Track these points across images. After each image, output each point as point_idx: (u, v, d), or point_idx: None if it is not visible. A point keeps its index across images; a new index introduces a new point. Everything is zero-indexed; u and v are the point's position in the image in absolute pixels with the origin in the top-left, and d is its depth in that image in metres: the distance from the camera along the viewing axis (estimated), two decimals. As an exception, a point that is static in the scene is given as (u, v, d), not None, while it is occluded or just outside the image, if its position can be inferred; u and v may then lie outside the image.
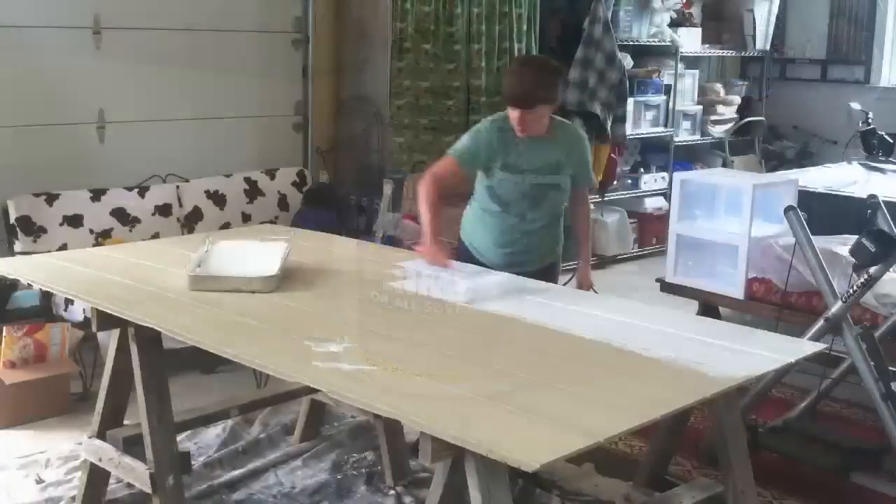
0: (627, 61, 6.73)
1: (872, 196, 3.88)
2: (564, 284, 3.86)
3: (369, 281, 3.12)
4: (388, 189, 5.44)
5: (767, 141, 8.26)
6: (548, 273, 3.50)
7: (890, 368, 3.46)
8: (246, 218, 5.38)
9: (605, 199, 6.78)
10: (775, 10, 8.09)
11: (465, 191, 3.56)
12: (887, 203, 3.87)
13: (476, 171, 3.42)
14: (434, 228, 3.23)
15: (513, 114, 3.30)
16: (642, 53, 7.30)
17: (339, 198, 5.63)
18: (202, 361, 4.53)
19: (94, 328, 2.98)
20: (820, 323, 3.58)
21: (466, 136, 3.41)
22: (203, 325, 2.64)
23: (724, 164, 7.71)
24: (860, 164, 6.41)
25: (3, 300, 4.39)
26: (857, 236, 3.50)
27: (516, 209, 3.44)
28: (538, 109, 3.28)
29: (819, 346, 2.64)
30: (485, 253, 3.53)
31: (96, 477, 3.21)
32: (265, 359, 2.36)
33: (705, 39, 7.81)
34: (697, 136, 7.71)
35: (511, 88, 3.31)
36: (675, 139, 7.48)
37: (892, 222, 3.70)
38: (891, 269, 3.57)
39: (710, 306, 5.08)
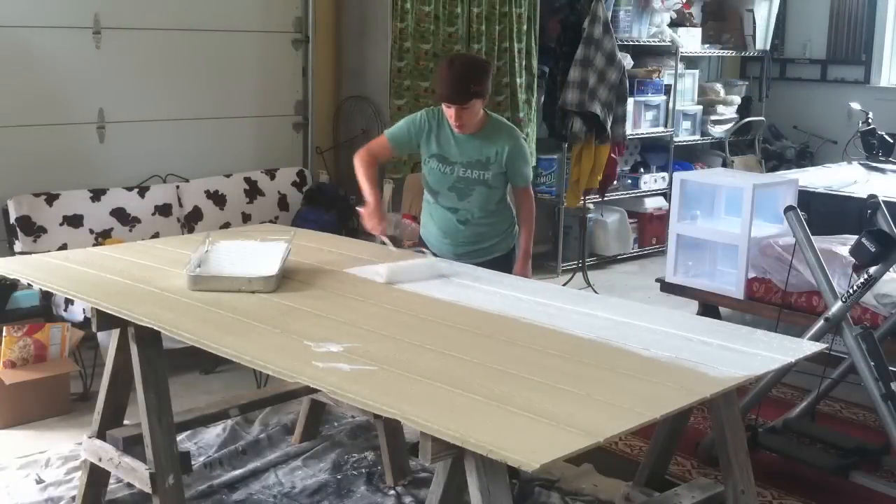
0: (627, 61, 6.73)
1: (872, 196, 3.88)
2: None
3: (368, 280, 3.12)
4: (388, 189, 5.44)
5: (767, 141, 8.27)
6: (499, 265, 3.57)
7: (890, 368, 3.46)
8: (246, 218, 5.38)
9: (605, 199, 6.78)
10: (775, 10, 8.10)
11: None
12: (887, 203, 3.87)
13: (402, 148, 3.65)
14: (374, 193, 3.52)
15: (448, 111, 3.45)
16: (642, 53, 7.30)
17: (339, 198, 5.63)
18: (202, 361, 4.54)
19: (94, 328, 2.98)
20: (820, 323, 3.58)
21: (403, 119, 3.64)
22: (203, 325, 2.63)
23: (724, 164, 7.71)
24: (860, 164, 6.42)
25: (3, 300, 4.39)
26: (857, 236, 3.50)
27: (445, 200, 3.62)
28: (472, 104, 3.41)
29: (819, 346, 2.64)
30: (434, 244, 3.72)
31: (96, 477, 3.21)
32: (265, 359, 2.36)
33: (705, 39, 7.81)
34: (697, 136, 7.71)
35: (443, 86, 3.42)
36: (675, 139, 7.49)
37: (892, 222, 3.70)
38: (891, 269, 3.57)
39: (710, 306, 5.09)
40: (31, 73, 4.81)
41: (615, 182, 6.77)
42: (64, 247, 4.59)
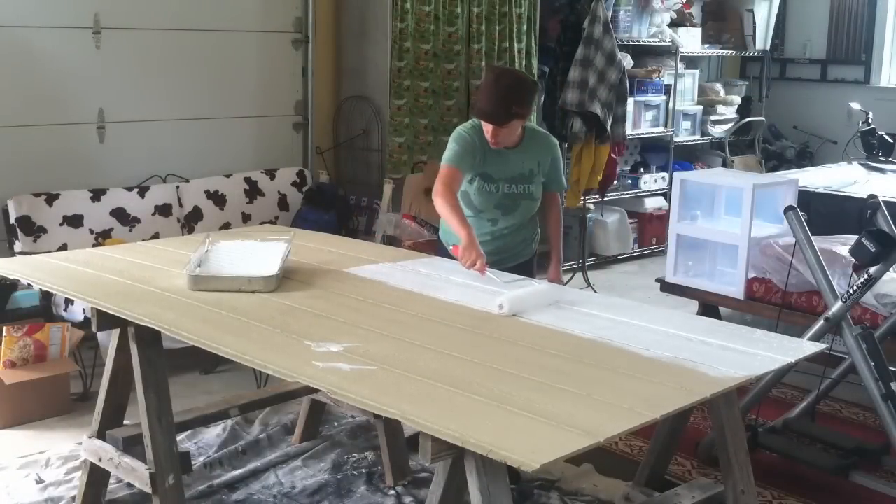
0: (627, 61, 6.73)
1: (872, 196, 3.88)
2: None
3: (368, 280, 3.12)
4: (388, 189, 5.44)
5: (767, 141, 8.27)
6: (523, 270, 3.48)
7: (890, 368, 3.46)
8: (246, 218, 5.38)
9: (605, 199, 6.79)
10: (775, 10, 8.10)
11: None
12: (887, 203, 3.87)
13: (470, 172, 3.40)
14: (469, 231, 3.19)
15: (486, 127, 3.32)
16: (642, 53, 7.31)
17: (339, 198, 5.63)
18: (202, 361, 4.54)
19: (94, 328, 2.98)
20: (820, 323, 3.58)
21: (453, 142, 3.39)
22: (203, 325, 2.64)
23: (724, 164, 7.71)
24: (860, 164, 6.42)
25: (3, 300, 4.39)
26: (857, 236, 3.50)
27: (489, 215, 3.48)
28: (511, 125, 3.29)
29: (819, 346, 2.64)
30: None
31: (96, 477, 3.21)
32: (265, 359, 2.36)
33: (705, 39, 7.81)
34: (697, 136, 7.71)
35: (485, 102, 3.29)
36: (675, 139, 7.49)
37: (892, 222, 3.70)
38: (891, 269, 3.57)
39: (710, 306, 5.09)
40: (31, 73, 4.81)
41: (615, 182, 6.77)
42: (64, 247, 4.59)
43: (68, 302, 4.41)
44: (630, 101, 6.77)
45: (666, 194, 7.23)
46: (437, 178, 3.34)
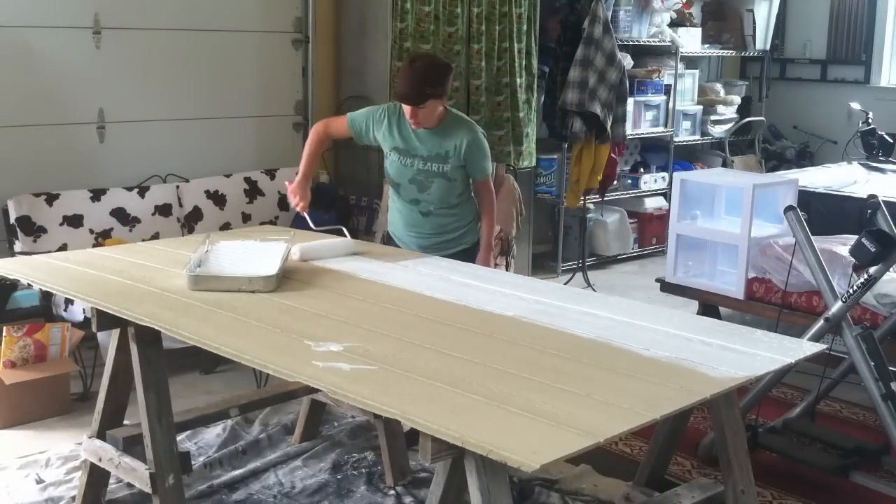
0: (627, 61, 6.73)
1: (872, 196, 3.88)
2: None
3: (368, 280, 3.12)
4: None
5: (767, 141, 8.27)
6: (464, 258, 3.68)
7: (890, 368, 3.46)
8: (246, 218, 5.38)
9: (605, 199, 6.79)
10: (775, 10, 8.10)
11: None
12: (887, 203, 3.87)
13: (359, 136, 3.76)
14: (307, 168, 3.74)
15: (406, 109, 3.57)
16: (642, 53, 7.31)
17: (339, 198, 5.63)
18: (202, 361, 4.54)
19: (94, 328, 2.98)
20: (820, 323, 3.58)
21: (367, 108, 3.80)
22: (203, 324, 2.63)
23: (724, 164, 7.71)
24: (860, 164, 6.42)
25: (3, 300, 4.39)
26: (857, 236, 3.50)
27: (406, 193, 3.73)
28: (427, 105, 3.52)
29: (819, 347, 2.63)
30: (400, 237, 3.85)
31: (96, 477, 3.21)
32: (265, 359, 2.36)
33: (705, 39, 7.82)
34: (697, 136, 7.71)
35: (401, 84, 3.55)
36: (675, 139, 7.49)
37: (892, 222, 3.70)
38: (891, 269, 3.57)
39: (710, 306, 5.09)
40: (31, 73, 4.81)
41: (615, 182, 6.78)
42: (64, 247, 4.59)
43: (68, 302, 4.41)
44: (630, 101, 6.78)
45: (666, 194, 7.23)
46: (331, 118, 3.87)
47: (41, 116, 4.87)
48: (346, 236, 3.62)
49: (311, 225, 3.75)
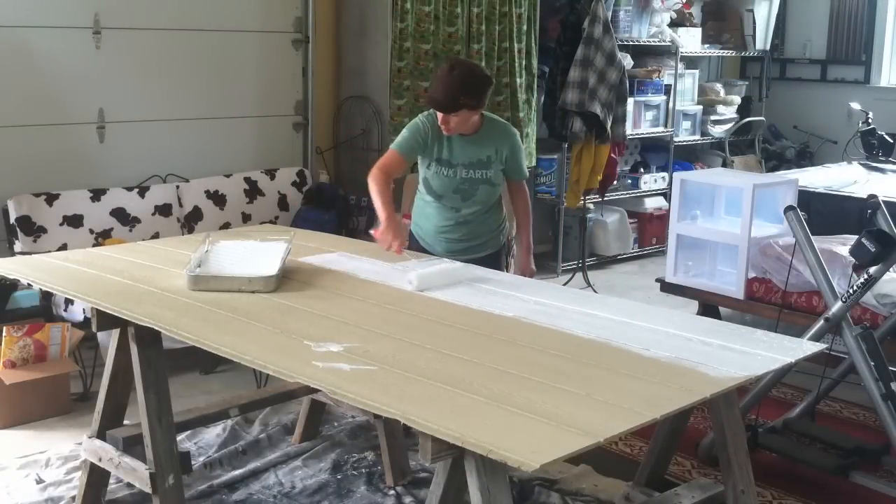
0: (627, 61, 6.73)
1: (872, 196, 3.88)
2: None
3: (368, 280, 3.12)
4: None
5: (767, 141, 8.27)
6: (491, 261, 3.64)
7: (890, 368, 3.46)
8: (246, 218, 5.38)
9: (605, 199, 6.79)
10: (775, 10, 8.10)
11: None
12: (887, 203, 3.87)
13: (415, 158, 3.61)
14: (388, 212, 3.42)
15: (437, 114, 3.49)
16: (642, 53, 7.30)
17: (339, 198, 5.63)
18: (202, 361, 4.54)
19: (94, 328, 2.98)
20: (820, 323, 3.58)
21: (405, 129, 3.61)
22: (203, 325, 2.64)
23: (724, 164, 7.71)
24: (860, 164, 6.42)
25: (3, 300, 4.39)
26: (857, 236, 3.50)
27: (449, 202, 3.64)
28: (460, 114, 3.44)
29: (819, 346, 2.64)
30: (428, 240, 3.74)
31: (96, 477, 3.21)
32: (265, 359, 2.36)
33: (705, 39, 7.81)
34: (697, 136, 7.71)
35: (435, 90, 3.47)
36: (675, 139, 7.49)
37: (892, 222, 3.70)
38: (891, 269, 3.57)
39: (710, 306, 5.09)
40: (31, 73, 4.81)
41: (615, 182, 6.78)
42: (64, 247, 4.59)
43: (68, 302, 4.41)
44: (630, 101, 6.77)
45: (666, 194, 7.23)
46: (380, 161, 3.61)
47: (41, 116, 4.87)
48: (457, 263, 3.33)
49: (413, 260, 3.34)
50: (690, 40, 7.56)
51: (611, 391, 2.19)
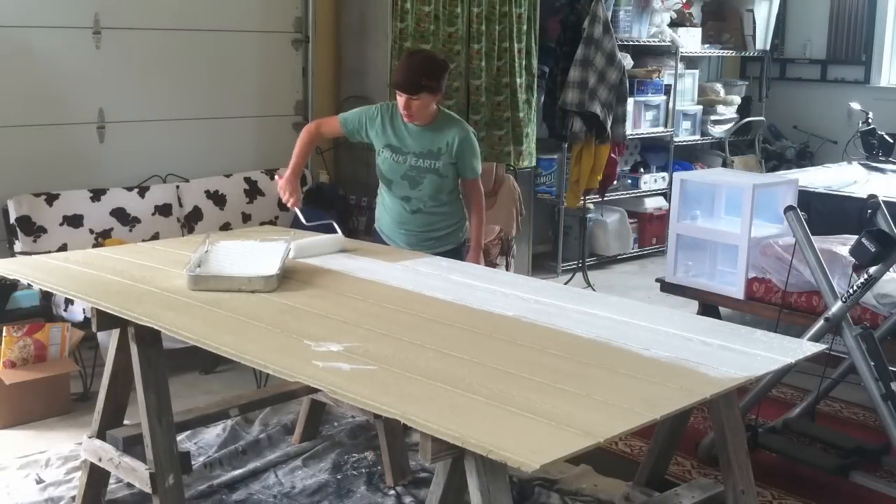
0: (627, 61, 6.73)
1: (872, 196, 3.88)
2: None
3: (368, 280, 3.12)
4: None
5: (767, 141, 8.27)
6: (452, 257, 3.71)
7: (890, 368, 3.46)
8: (246, 218, 5.38)
9: (605, 199, 6.79)
10: (775, 10, 8.10)
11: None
12: (887, 203, 3.87)
13: (352, 133, 3.84)
14: (294, 168, 3.83)
15: (399, 99, 3.64)
16: (642, 53, 7.31)
17: (339, 198, 5.63)
18: (202, 361, 4.54)
19: (94, 328, 2.98)
20: (820, 323, 3.58)
21: (360, 108, 3.89)
22: (203, 324, 2.64)
23: (724, 164, 7.71)
24: (860, 164, 6.42)
25: (3, 300, 4.39)
26: (857, 236, 3.50)
27: (398, 189, 3.79)
28: (422, 97, 3.59)
29: (819, 347, 2.63)
30: (388, 233, 3.90)
31: (96, 477, 3.21)
32: (265, 359, 2.36)
33: (705, 39, 7.82)
34: (697, 136, 7.71)
35: (398, 74, 3.65)
36: (675, 139, 7.49)
37: (892, 222, 3.70)
38: (891, 269, 3.57)
39: (710, 306, 5.09)
40: (31, 73, 4.81)
41: (615, 182, 6.78)
42: (64, 247, 4.59)
43: (68, 302, 4.41)
44: (630, 101, 6.78)
45: (666, 194, 7.23)
46: (320, 119, 3.94)
47: (41, 116, 4.87)
48: (337, 232, 3.64)
49: (303, 220, 3.77)
50: (690, 40, 7.56)
51: (611, 391, 2.19)
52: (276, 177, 3.86)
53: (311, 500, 3.42)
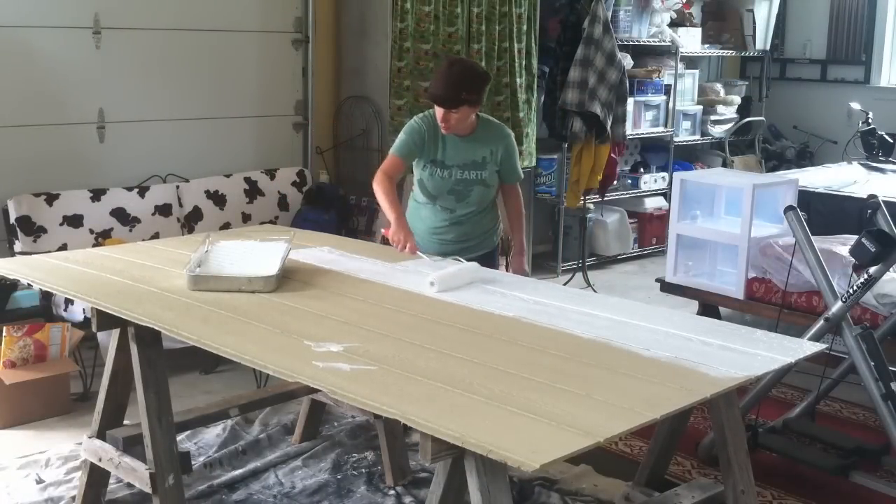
0: (627, 61, 6.73)
1: (872, 196, 3.88)
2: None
3: (368, 280, 3.12)
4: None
5: (767, 141, 8.27)
6: (485, 262, 3.56)
7: (890, 368, 3.46)
8: (246, 218, 5.38)
9: (605, 199, 6.79)
10: (775, 10, 8.10)
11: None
12: (887, 203, 3.87)
13: (413, 159, 3.65)
14: (397, 213, 3.51)
15: (437, 112, 3.51)
16: (642, 53, 7.31)
17: (339, 198, 5.63)
18: (202, 361, 4.54)
19: (94, 328, 2.98)
20: (820, 323, 3.58)
21: (402, 132, 3.65)
22: (203, 324, 2.64)
23: (724, 164, 7.71)
24: (860, 164, 6.42)
25: (3, 300, 4.39)
26: (857, 236, 3.50)
27: (443, 202, 3.67)
28: (461, 110, 3.47)
29: (819, 346, 2.63)
30: (421, 241, 3.68)
31: (96, 477, 3.21)
32: (265, 359, 2.36)
33: (705, 39, 7.82)
34: (697, 136, 7.71)
35: (436, 86, 3.50)
36: (675, 139, 7.49)
37: (892, 222, 3.70)
38: (891, 269, 3.57)
39: (710, 306, 5.09)
40: (31, 73, 4.81)
41: (615, 182, 6.78)
42: (64, 247, 4.59)
43: (68, 302, 4.42)
44: (630, 101, 6.78)
45: (666, 194, 7.23)
46: (382, 166, 3.64)
47: (41, 116, 4.87)
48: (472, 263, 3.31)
49: (424, 256, 3.39)
50: (690, 40, 7.56)
51: (611, 391, 2.19)
52: (382, 230, 3.61)
53: (311, 500, 3.42)
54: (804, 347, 2.57)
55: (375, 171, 3.84)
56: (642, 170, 7.38)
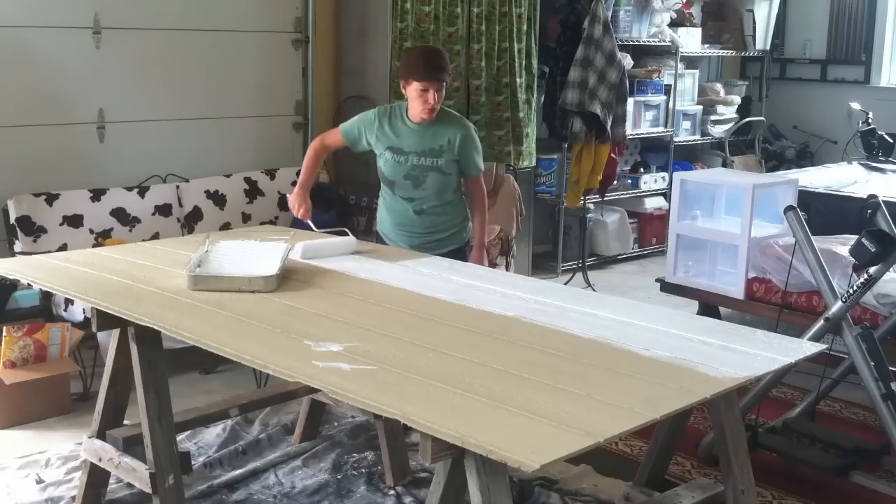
0: (627, 61, 6.73)
1: (872, 196, 3.88)
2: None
3: (368, 280, 3.12)
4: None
5: (767, 141, 8.27)
6: (455, 258, 3.70)
7: (890, 368, 3.46)
8: (246, 218, 5.38)
9: (605, 199, 6.79)
10: (775, 10, 8.10)
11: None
12: (887, 203, 3.87)
13: (354, 144, 3.83)
14: (304, 181, 3.84)
15: (424, 95, 3.60)
16: (642, 53, 7.31)
17: (339, 198, 5.63)
18: (202, 361, 4.54)
19: (94, 328, 2.98)
20: (820, 323, 3.58)
21: (357, 116, 3.87)
22: (203, 324, 2.64)
23: (724, 164, 7.71)
24: (860, 164, 6.42)
25: (3, 300, 4.39)
26: (857, 236, 3.50)
27: (401, 190, 3.77)
28: (443, 87, 3.63)
29: (819, 347, 2.63)
30: (390, 236, 3.87)
31: (96, 477, 3.21)
32: (265, 359, 2.36)
33: (705, 39, 7.82)
34: (697, 136, 7.71)
35: (423, 69, 3.60)
36: (675, 139, 7.49)
37: (892, 222, 3.70)
38: (891, 269, 3.57)
39: (710, 306, 5.09)
40: (31, 73, 4.81)
41: (615, 182, 6.78)
42: (64, 247, 4.59)
43: (68, 302, 4.41)
44: (630, 101, 6.78)
45: (666, 194, 7.23)
46: (325, 133, 3.96)
47: (41, 116, 4.87)
48: (348, 236, 3.63)
49: (314, 227, 3.79)
50: (690, 40, 7.56)
51: (611, 391, 2.19)
52: (288, 194, 3.88)
53: (311, 500, 3.42)
54: (804, 347, 2.57)
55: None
56: (642, 170, 7.39)
